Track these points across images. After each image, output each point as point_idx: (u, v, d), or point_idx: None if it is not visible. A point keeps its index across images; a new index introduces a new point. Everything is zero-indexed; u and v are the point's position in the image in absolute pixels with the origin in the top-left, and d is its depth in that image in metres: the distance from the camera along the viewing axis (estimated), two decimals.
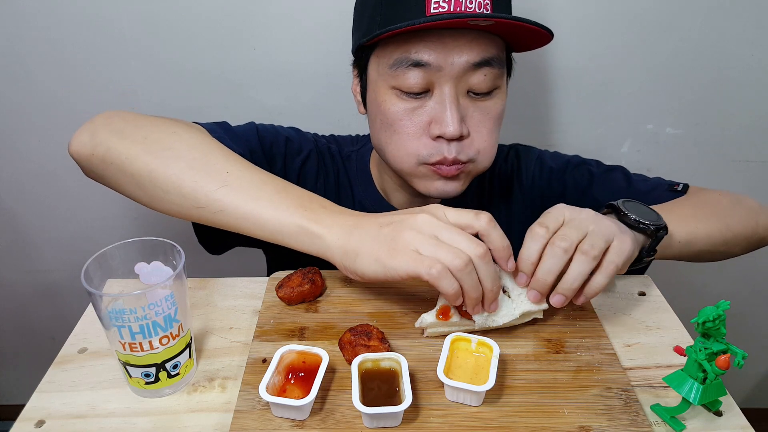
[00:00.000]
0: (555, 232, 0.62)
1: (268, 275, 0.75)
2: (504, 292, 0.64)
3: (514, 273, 0.64)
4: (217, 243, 0.84)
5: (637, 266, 0.70)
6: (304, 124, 0.97)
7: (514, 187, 0.92)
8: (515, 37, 0.72)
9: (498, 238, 0.59)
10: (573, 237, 0.60)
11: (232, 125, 0.84)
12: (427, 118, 0.72)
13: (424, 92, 0.71)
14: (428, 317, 0.63)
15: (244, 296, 0.72)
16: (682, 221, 0.75)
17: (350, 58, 1.10)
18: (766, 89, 1.15)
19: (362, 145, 0.93)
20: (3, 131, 1.16)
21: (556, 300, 0.62)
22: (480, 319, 0.62)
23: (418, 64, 0.69)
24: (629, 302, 0.72)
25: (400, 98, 0.72)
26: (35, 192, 1.24)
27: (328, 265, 0.73)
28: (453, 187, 0.75)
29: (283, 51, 1.08)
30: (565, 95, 1.15)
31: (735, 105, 1.17)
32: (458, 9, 0.66)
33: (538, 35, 0.70)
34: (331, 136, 0.96)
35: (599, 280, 0.61)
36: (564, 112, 1.17)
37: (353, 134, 0.98)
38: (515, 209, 0.92)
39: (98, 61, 1.08)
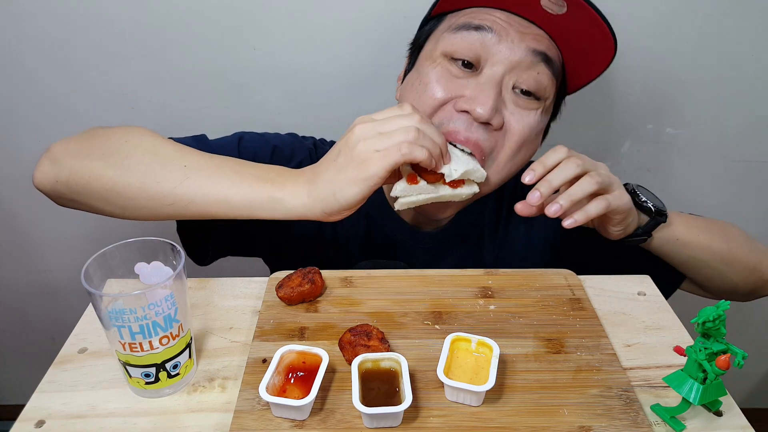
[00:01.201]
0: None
1: (270, 274, 0.75)
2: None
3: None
4: (202, 252, 0.83)
5: (633, 240, 0.76)
6: (303, 124, 0.97)
7: None
8: (576, 49, 0.72)
9: (423, 115, 0.66)
10: (587, 164, 0.67)
11: (220, 136, 0.83)
12: (462, 92, 0.72)
13: (472, 68, 0.72)
14: (400, 184, 0.67)
15: (244, 296, 0.72)
16: (688, 225, 0.78)
17: (350, 58, 1.10)
18: (766, 89, 1.15)
19: None
20: (3, 131, 1.16)
21: (553, 209, 0.65)
22: (446, 170, 0.67)
23: (479, 28, 0.70)
24: (629, 302, 0.72)
25: (449, 64, 0.72)
26: (35, 192, 1.23)
27: (328, 265, 0.73)
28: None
29: (283, 51, 1.08)
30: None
31: (735, 105, 1.17)
32: None
33: (599, 43, 0.70)
34: (332, 142, 0.94)
35: (593, 206, 0.67)
36: (564, 112, 1.17)
37: None
38: (535, 228, 0.91)
39: (98, 61, 1.08)
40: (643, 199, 0.74)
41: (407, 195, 0.69)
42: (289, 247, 0.87)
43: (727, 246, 0.80)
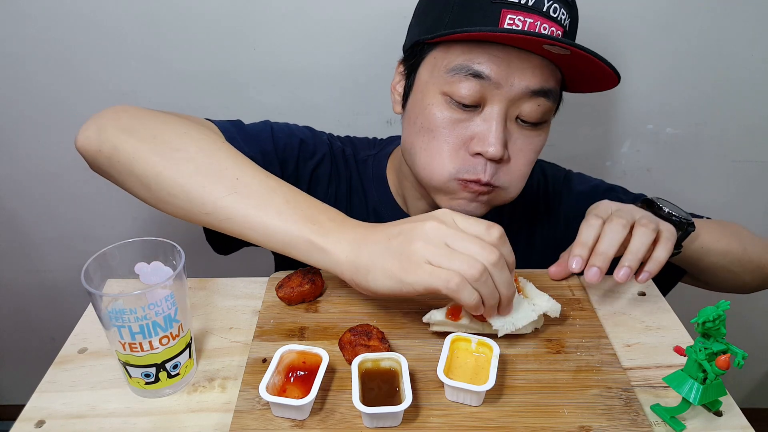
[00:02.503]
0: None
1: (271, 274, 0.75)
2: (519, 293, 0.63)
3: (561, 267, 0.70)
4: (225, 244, 0.83)
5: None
6: (303, 124, 0.97)
7: (539, 206, 0.91)
8: (577, 75, 0.71)
9: (508, 253, 0.58)
10: (627, 218, 0.65)
11: (246, 123, 0.82)
12: (470, 133, 0.70)
13: (474, 106, 0.69)
14: (437, 314, 0.62)
15: (244, 296, 0.72)
16: (709, 231, 0.78)
17: (350, 58, 1.10)
18: (766, 89, 1.15)
19: (380, 149, 0.91)
20: (3, 131, 1.16)
21: (622, 274, 0.63)
22: (498, 323, 0.60)
23: (477, 75, 0.67)
24: (629, 302, 0.72)
25: (449, 106, 0.70)
26: (35, 192, 1.24)
27: None
28: (475, 208, 0.74)
29: (283, 51, 1.08)
30: (564, 95, 1.15)
31: (735, 105, 1.17)
32: (532, 30, 0.65)
33: (602, 76, 0.68)
34: (347, 137, 0.93)
35: (660, 252, 0.64)
36: (564, 112, 1.17)
37: (354, 134, 0.97)
38: (538, 228, 0.91)
39: (98, 61, 1.08)
40: (667, 210, 0.72)
41: (442, 326, 0.63)
42: None
43: (743, 248, 0.80)
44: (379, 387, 0.55)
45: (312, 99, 1.14)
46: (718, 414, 0.56)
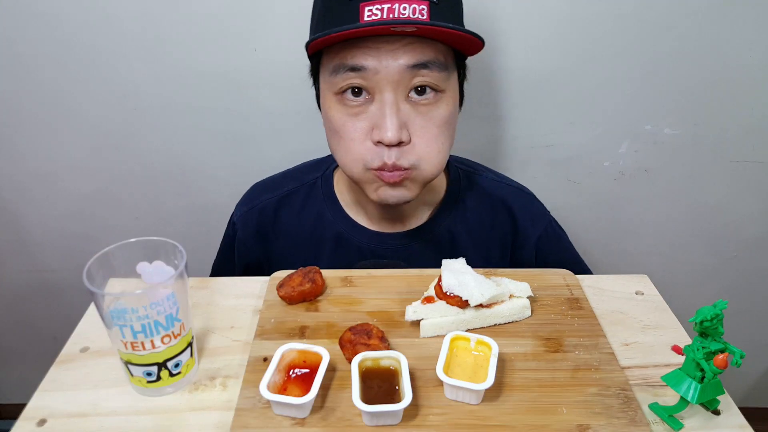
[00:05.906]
0: None
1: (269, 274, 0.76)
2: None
3: None
4: None
5: None
6: (303, 124, 0.97)
7: (517, 225, 0.92)
8: (452, 42, 0.72)
9: None
10: None
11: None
12: (369, 123, 0.72)
13: (366, 98, 0.72)
14: (411, 307, 0.66)
15: (245, 295, 0.72)
16: None
17: None
18: (766, 89, 1.15)
19: (326, 167, 0.92)
20: (3, 131, 1.17)
21: None
22: (466, 294, 0.64)
23: (354, 69, 0.70)
24: (627, 302, 0.72)
25: (343, 104, 0.73)
26: (37, 191, 1.24)
27: (328, 265, 0.74)
28: (399, 193, 0.75)
29: (283, 51, 1.09)
30: (563, 95, 1.15)
31: (734, 105, 1.17)
32: (391, 16, 0.66)
33: (465, 40, 0.69)
34: (287, 171, 0.95)
35: None
36: (562, 113, 1.18)
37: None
38: (509, 237, 0.92)
39: (99, 61, 1.08)
40: None
41: (426, 317, 0.65)
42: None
43: None
44: (379, 385, 0.55)
45: (312, 100, 1.14)
46: (716, 413, 0.57)
